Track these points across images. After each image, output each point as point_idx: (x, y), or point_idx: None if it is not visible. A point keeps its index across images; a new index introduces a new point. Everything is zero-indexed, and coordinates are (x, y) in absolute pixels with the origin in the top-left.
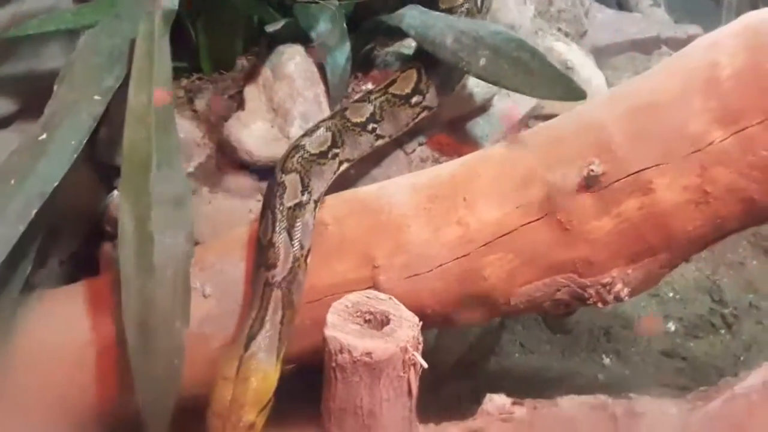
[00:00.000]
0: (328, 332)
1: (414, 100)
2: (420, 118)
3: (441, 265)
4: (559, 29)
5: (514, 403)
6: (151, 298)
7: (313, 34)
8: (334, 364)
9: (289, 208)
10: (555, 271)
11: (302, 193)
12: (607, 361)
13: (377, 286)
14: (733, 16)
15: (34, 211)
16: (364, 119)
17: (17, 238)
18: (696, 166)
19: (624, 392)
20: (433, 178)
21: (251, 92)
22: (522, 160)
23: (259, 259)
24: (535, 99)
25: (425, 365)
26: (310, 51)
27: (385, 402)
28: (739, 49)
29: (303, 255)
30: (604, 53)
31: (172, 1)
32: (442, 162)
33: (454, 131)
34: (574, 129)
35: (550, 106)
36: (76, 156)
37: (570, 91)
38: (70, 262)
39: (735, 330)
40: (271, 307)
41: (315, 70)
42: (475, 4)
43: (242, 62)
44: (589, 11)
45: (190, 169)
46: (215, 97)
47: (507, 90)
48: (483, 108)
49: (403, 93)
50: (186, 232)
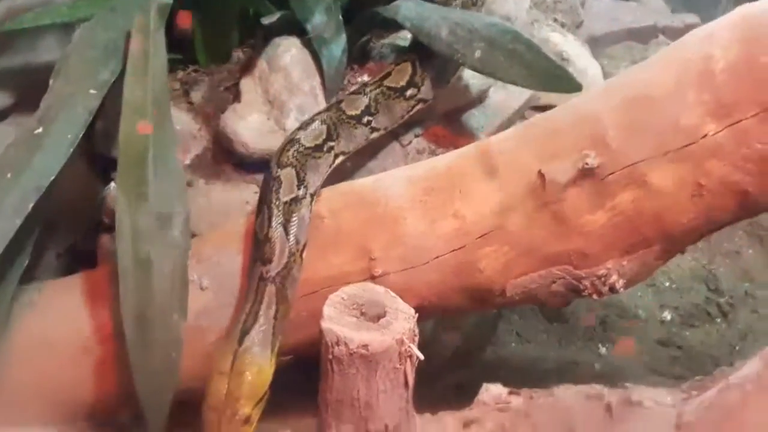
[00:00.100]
0: (325, 324)
1: (409, 93)
2: (415, 111)
3: (437, 258)
4: (555, 20)
5: (511, 393)
6: (149, 291)
7: (309, 27)
8: (330, 357)
9: (285, 202)
10: (550, 263)
11: (298, 188)
12: (603, 351)
13: (373, 278)
14: (732, 5)
15: (31, 205)
16: (359, 112)
17: (14, 232)
18: (690, 159)
19: (620, 381)
20: (429, 171)
21: (247, 84)
22: (518, 152)
23: (255, 254)
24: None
25: (421, 357)
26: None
27: (382, 393)
28: (733, 42)
29: (299, 250)
30: (601, 43)
31: None
32: (438, 154)
33: (450, 123)
34: (570, 121)
35: (546, 96)
36: (73, 149)
37: (565, 83)
38: (67, 255)
39: (731, 319)
40: (265, 301)
41: (311, 62)
42: None
43: (238, 54)
44: (586, 1)
45: (187, 162)
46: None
47: (502, 82)
48: (479, 99)
49: (398, 85)
50: (183, 225)
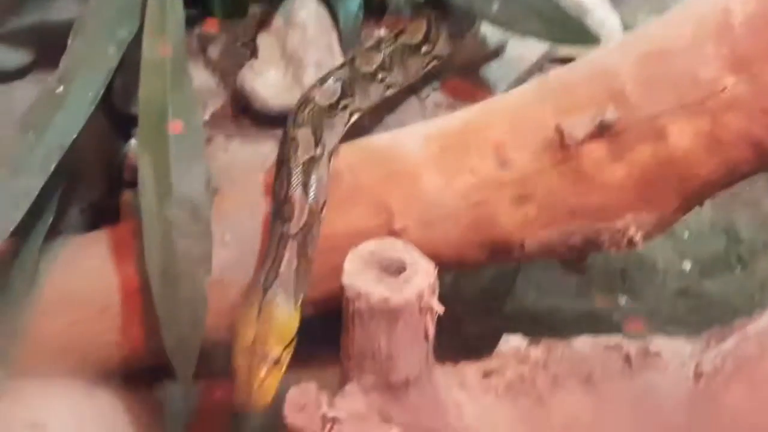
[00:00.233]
0: (346, 280)
1: (424, 49)
2: (430, 67)
3: (455, 213)
4: None
5: (530, 344)
6: (173, 247)
7: None
8: (352, 311)
9: (303, 163)
10: (569, 217)
11: (315, 147)
12: (622, 301)
13: (393, 233)
14: None
15: (54, 164)
16: (373, 69)
17: (39, 190)
18: (708, 112)
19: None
20: (446, 127)
21: (264, 40)
22: (535, 108)
23: (276, 213)
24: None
25: (441, 310)
26: None
27: (403, 346)
28: None
29: (318, 209)
30: None
31: None
32: (456, 107)
33: (468, 76)
34: (587, 76)
35: (565, 48)
36: (93, 108)
37: (583, 35)
38: (90, 210)
39: (750, 268)
40: (286, 257)
41: (328, 17)
42: None
43: (254, 10)
44: None
45: (206, 118)
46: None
47: (520, 35)
48: (497, 53)
49: (413, 42)
50: (204, 181)
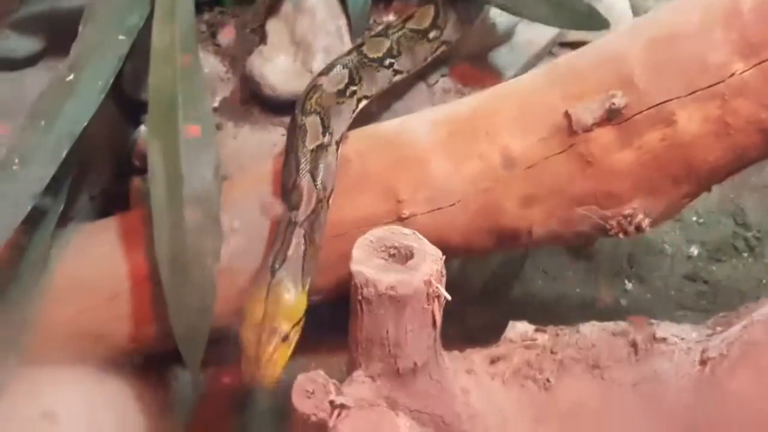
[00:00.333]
0: (354, 267)
1: (432, 35)
2: (438, 53)
3: (463, 199)
4: None
5: (537, 330)
6: (183, 234)
7: None
8: (360, 298)
9: (311, 150)
10: (577, 203)
11: (323, 135)
12: (629, 286)
13: (401, 220)
14: None
15: (65, 152)
16: (381, 54)
17: (50, 178)
18: (717, 98)
19: (646, 317)
20: (455, 113)
21: (273, 26)
22: (543, 94)
23: (284, 200)
24: None
25: (449, 297)
26: None
27: (410, 332)
28: None
29: (326, 196)
30: None
31: None
32: (465, 93)
33: (476, 61)
34: (596, 61)
35: (575, 32)
36: (104, 95)
37: (592, 20)
38: (100, 197)
39: (758, 253)
40: (293, 243)
41: (336, 2)
42: None
43: None
44: None
45: (215, 104)
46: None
47: (528, 20)
48: (506, 37)
49: (421, 28)
50: (213, 168)
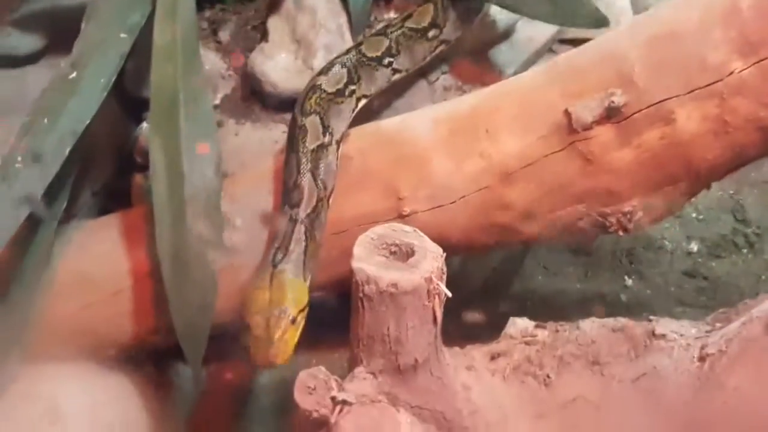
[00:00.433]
0: (355, 264)
1: (431, 34)
2: (437, 52)
3: (464, 197)
4: None
5: (537, 326)
6: (184, 231)
7: None
8: (361, 295)
9: (312, 150)
10: (576, 201)
11: (323, 135)
12: (629, 282)
13: (402, 217)
14: None
15: (68, 149)
16: (380, 53)
17: (53, 176)
18: (716, 96)
19: (646, 312)
20: (455, 111)
21: (274, 23)
22: (543, 92)
23: (284, 198)
24: None
25: (449, 294)
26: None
27: (411, 329)
28: None
29: (326, 195)
30: None
31: None
32: (465, 90)
33: (477, 59)
34: (595, 60)
35: (574, 29)
36: (106, 94)
37: (592, 18)
38: (102, 193)
39: (757, 249)
40: (294, 239)
41: (337, 0)
42: None
43: None
44: None
45: (216, 102)
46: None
47: (529, 18)
48: (506, 35)
49: (420, 27)
50: (215, 165)
